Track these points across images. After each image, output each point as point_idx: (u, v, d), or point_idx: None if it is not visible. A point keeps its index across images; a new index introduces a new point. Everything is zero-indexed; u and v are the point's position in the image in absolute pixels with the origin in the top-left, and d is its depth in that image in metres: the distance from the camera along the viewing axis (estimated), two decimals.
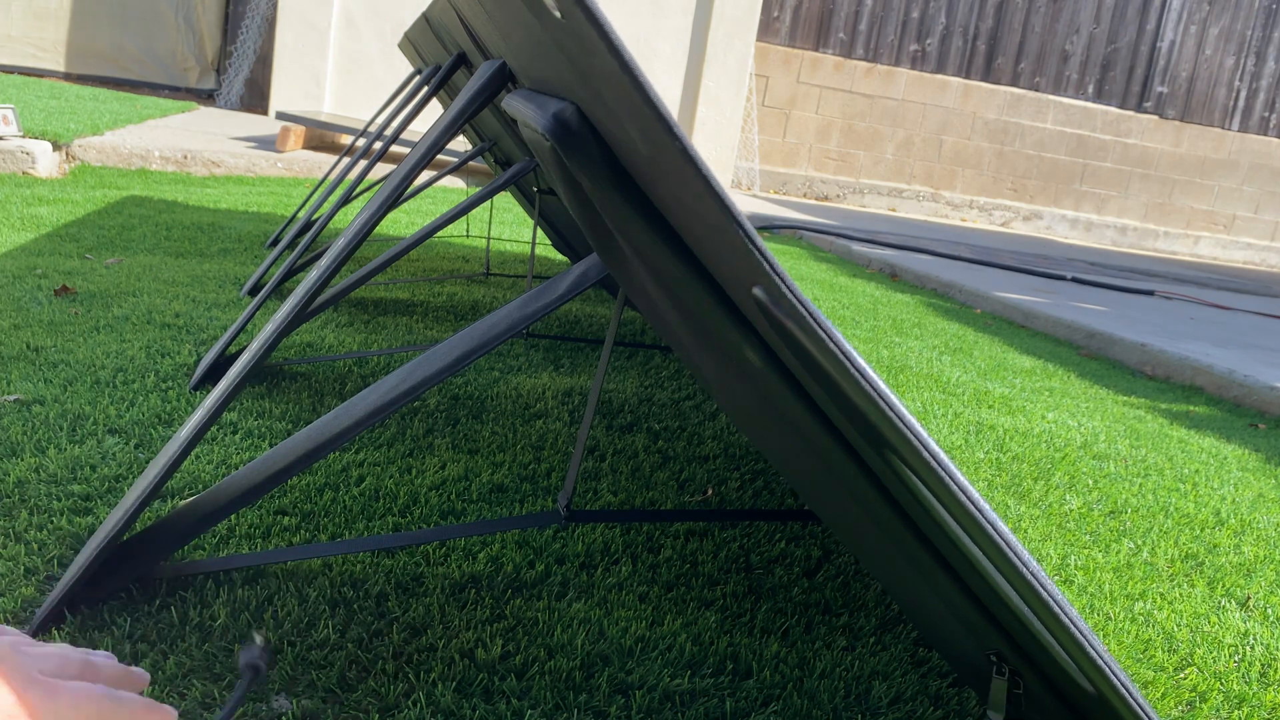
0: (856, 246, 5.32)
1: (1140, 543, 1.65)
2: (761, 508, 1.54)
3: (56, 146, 4.14)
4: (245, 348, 1.25)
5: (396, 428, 1.62)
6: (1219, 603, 1.46)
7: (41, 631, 0.95)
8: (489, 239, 3.31)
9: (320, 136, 5.81)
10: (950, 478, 0.45)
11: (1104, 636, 1.30)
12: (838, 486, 0.70)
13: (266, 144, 5.42)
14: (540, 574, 1.20)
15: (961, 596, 0.64)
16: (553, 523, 1.32)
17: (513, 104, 0.87)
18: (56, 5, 7.36)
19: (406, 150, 5.98)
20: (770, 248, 4.71)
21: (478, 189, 5.13)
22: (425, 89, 2.09)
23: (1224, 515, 1.86)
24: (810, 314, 0.41)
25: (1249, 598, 1.50)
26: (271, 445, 1.48)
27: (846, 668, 1.10)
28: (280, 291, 2.40)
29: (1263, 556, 1.68)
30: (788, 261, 4.78)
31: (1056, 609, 0.48)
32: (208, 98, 7.82)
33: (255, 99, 7.74)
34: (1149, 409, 2.70)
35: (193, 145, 4.83)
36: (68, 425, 1.43)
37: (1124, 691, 0.55)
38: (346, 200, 2.29)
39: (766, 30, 8.50)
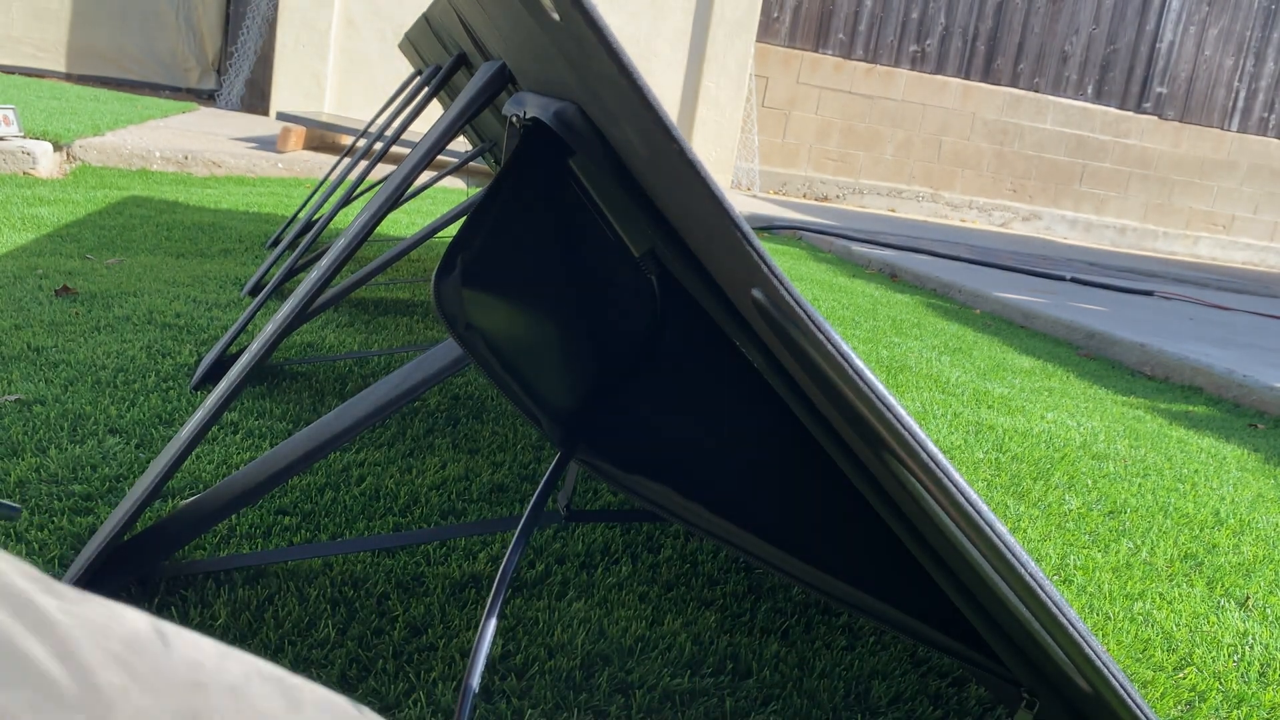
0: (856, 247, 5.32)
1: (1139, 542, 1.65)
2: None
3: (57, 147, 4.14)
4: (246, 348, 1.25)
5: (397, 427, 1.63)
6: (1218, 602, 1.46)
7: None
8: None
9: (321, 137, 5.82)
10: (948, 478, 0.45)
11: (1103, 636, 1.31)
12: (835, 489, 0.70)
13: (267, 144, 5.42)
14: (540, 574, 1.21)
15: (965, 605, 0.64)
16: (553, 522, 1.32)
17: (513, 106, 0.87)
18: (57, 6, 7.36)
19: (407, 151, 5.98)
20: (770, 248, 4.68)
21: (478, 189, 5.13)
22: (425, 90, 2.10)
23: (1223, 515, 1.86)
24: (809, 316, 0.41)
25: (1248, 597, 1.50)
26: (272, 445, 1.48)
27: (846, 667, 1.10)
28: (281, 292, 2.41)
29: (1262, 556, 1.68)
30: (788, 262, 4.78)
31: (1050, 604, 0.49)
32: (208, 98, 7.82)
33: (256, 99, 7.74)
34: (1148, 409, 2.70)
35: (193, 145, 4.83)
36: (69, 425, 1.43)
37: (1122, 691, 0.55)
38: (347, 201, 2.29)
39: (766, 31, 8.50)
